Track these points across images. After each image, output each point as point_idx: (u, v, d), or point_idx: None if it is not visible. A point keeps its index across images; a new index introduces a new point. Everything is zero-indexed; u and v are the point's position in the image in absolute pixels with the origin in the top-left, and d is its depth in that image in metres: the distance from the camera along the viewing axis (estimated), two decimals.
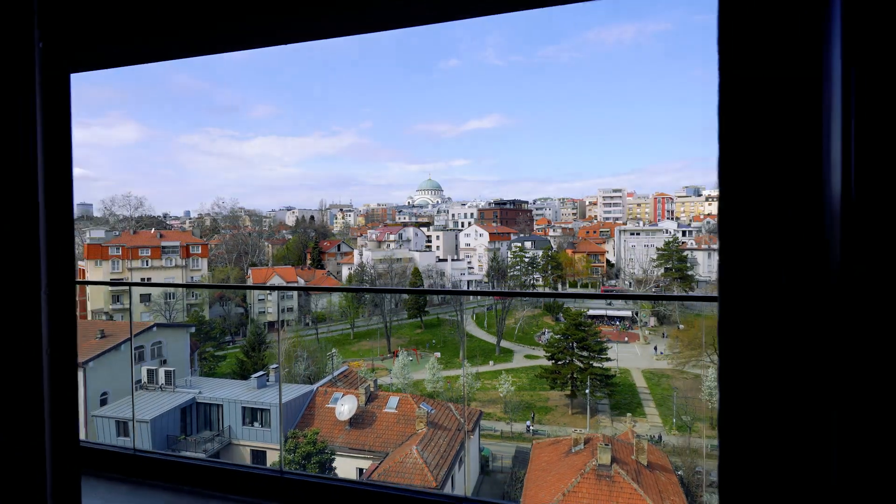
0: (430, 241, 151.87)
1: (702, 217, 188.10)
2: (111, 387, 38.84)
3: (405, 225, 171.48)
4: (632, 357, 77.26)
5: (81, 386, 36.72)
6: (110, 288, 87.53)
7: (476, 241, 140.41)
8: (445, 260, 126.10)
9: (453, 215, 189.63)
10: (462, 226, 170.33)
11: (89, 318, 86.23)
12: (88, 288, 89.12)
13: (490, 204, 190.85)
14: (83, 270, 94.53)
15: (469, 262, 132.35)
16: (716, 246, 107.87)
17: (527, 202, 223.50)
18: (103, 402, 37.60)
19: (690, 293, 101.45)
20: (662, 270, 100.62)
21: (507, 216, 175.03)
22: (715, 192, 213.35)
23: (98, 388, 38.05)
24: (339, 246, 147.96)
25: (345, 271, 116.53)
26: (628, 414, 55.68)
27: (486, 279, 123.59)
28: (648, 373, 69.64)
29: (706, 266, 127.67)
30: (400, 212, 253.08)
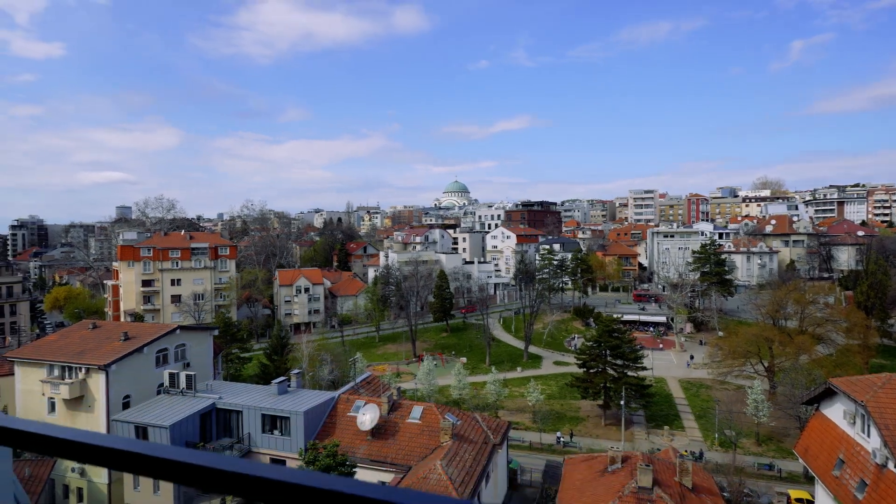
0: (456, 243, 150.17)
1: (739, 219, 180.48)
2: (134, 390, 38.49)
3: (431, 227, 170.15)
4: (667, 365, 73.69)
5: (103, 389, 36.43)
6: (142, 288, 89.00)
7: (503, 243, 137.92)
8: (472, 262, 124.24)
9: (480, 217, 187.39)
10: (489, 228, 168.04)
11: (122, 318, 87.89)
12: (121, 289, 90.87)
13: (517, 205, 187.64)
14: (116, 271, 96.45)
15: (496, 265, 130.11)
16: (755, 249, 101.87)
17: (555, 203, 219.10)
18: (126, 406, 37.25)
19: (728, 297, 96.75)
20: (699, 274, 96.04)
21: (535, 218, 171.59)
22: (753, 193, 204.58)
23: (121, 390, 37.77)
24: (365, 248, 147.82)
25: (371, 273, 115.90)
26: (666, 427, 52.52)
27: (513, 282, 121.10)
28: (686, 382, 66.07)
29: (745, 269, 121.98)
30: (426, 213, 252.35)
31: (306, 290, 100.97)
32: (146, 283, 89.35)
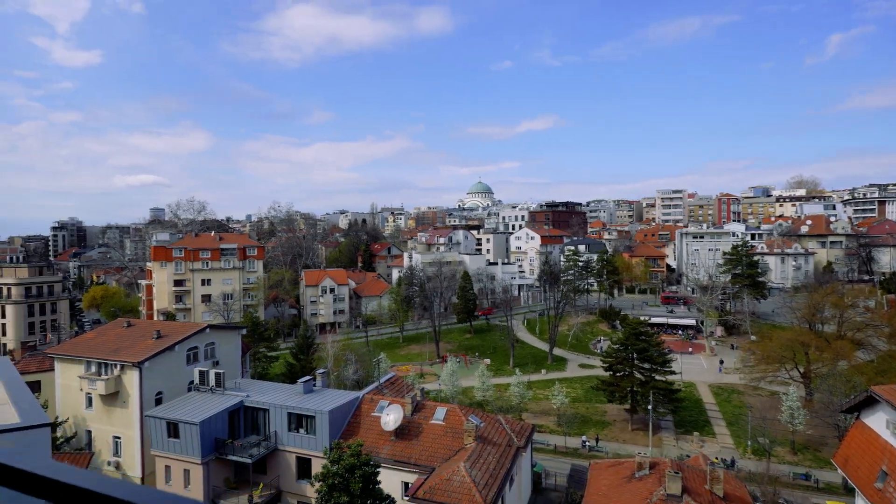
0: (480, 244, 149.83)
1: (773, 219, 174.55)
2: (166, 387, 39.60)
3: (455, 228, 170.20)
4: (697, 369, 71.80)
5: (137, 386, 37.55)
6: (174, 288, 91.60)
7: (527, 244, 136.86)
8: (496, 263, 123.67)
9: (504, 218, 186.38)
10: (513, 229, 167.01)
11: (155, 317, 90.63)
12: (154, 288, 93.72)
13: (542, 206, 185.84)
14: (150, 271, 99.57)
15: (520, 266, 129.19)
16: (790, 250, 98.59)
17: (580, 204, 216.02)
18: (158, 402, 38.33)
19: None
20: (730, 276, 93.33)
21: (560, 219, 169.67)
22: (787, 193, 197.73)
23: (154, 387, 38.89)
24: (389, 248, 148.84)
25: (395, 274, 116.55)
26: (695, 433, 51.11)
27: (537, 283, 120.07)
28: (716, 387, 64.20)
29: (779, 271, 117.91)
30: (450, 214, 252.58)
31: (331, 290, 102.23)
32: (178, 282, 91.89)
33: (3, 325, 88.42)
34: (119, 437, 38.39)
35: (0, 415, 10.68)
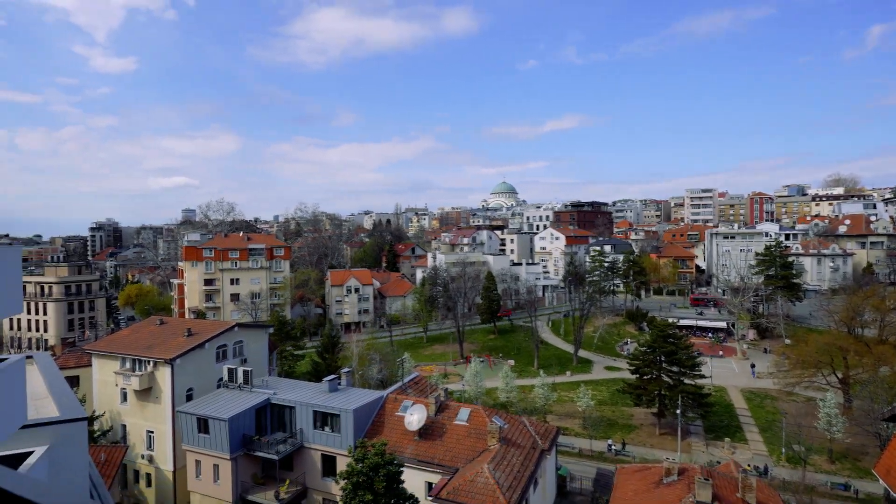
0: (504, 245, 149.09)
1: (808, 219, 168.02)
2: (196, 383, 40.63)
3: (479, 228, 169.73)
4: (728, 373, 69.74)
5: (169, 382, 38.63)
6: (204, 287, 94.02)
7: (552, 244, 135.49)
8: (520, 263, 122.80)
9: (528, 218, 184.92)
10: (537, 229, 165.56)
11: (186, 315, 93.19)
12: (186, 287, 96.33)
13: (566, 206, 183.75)
14: (181, 271, 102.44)
15: (544, 266, 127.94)
16: (827, 251, 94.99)
17: (606, 204, 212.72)
18: (189, 398, 39.37)
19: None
20: (763, 277, 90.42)
21: (585, 219, 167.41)
22: (824, 191, 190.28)
23: (185, 383, 39.96)
24: (413, 249, 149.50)
25: (419, 274, 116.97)
26: (726, 439, 49.63)
27: (562, 284, 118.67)
28: (749, 392, 62.21)
29: (815, 273, 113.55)
30: (474, 215, 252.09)
31: (356, 290, 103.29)
32: (208, 281, 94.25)
33: (45, 321, 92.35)
34: (152, 432, 39.57)
35: (41, 408, 11.13)
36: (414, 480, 30.40)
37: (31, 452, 9.34)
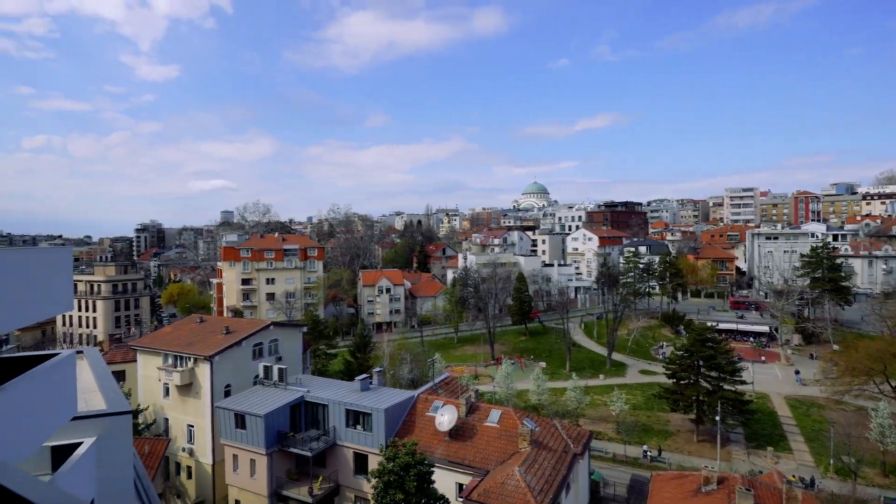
0: (535, 245, 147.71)
1: (858, 218, 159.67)
2: (234, 380, 41.89)
3: (510, 228, 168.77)
4: (771, 380, 66.92)
5: (208, 378, 39.92)
6: (241, 286, 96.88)
7: (584, 245, 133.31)
8: (552, 265, 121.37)
9: (560, 219, 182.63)
10: (569, 229, 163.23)
11: (224, 313, 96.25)
12: (224, 286, 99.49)
13: (599, 206, 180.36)
14: (220, 270, 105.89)
15: (577, 268, 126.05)
16: (880, 252, 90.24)
17: (640, 204, 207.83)
18: (227, 394, 40.61)
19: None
20: (809, 280, 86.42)
21: (619, 219, 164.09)
22: (875, 190, 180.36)
23: (223, 380, 41.25)
24: (444, 249, 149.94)
25: (449, 274, 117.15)
26: (769, 448, 47.63)
27: (595, 285, 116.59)
28: (793, 400, 59.52)
29: (866, 275, 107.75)
30: (505, 215, 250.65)
31: (388, 290, 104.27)
32: (245, 281, 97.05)
33: (94, 318, 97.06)
34: (192, 426, 40.98)
35: (89, 401, 11.67)
36: (444, 481, 30.42)
37: (80, 443, 9.77)
